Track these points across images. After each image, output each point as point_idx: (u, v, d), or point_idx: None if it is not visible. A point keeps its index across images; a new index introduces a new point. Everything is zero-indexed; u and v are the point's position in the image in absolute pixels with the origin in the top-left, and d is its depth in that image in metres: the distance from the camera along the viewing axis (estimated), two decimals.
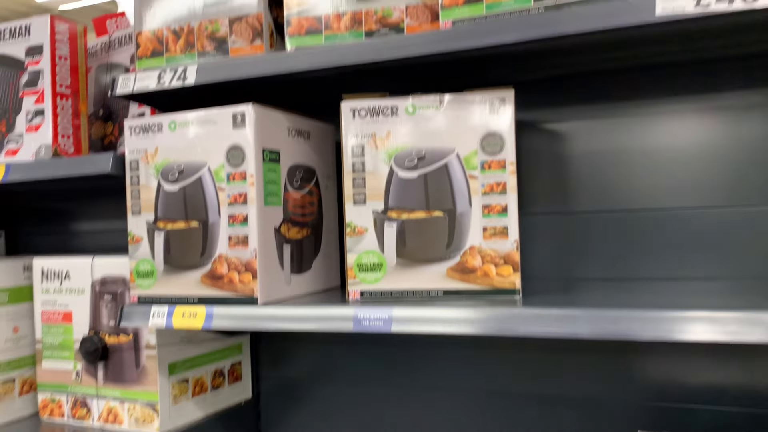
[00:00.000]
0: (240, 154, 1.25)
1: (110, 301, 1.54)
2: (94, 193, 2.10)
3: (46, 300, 1.62)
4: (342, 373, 1.70)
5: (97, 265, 1.55)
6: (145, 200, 1.35)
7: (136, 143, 1.35)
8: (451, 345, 1.56)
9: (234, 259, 1.26)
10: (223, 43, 1.32)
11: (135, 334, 1.50)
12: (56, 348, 1.60)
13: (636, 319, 0.98)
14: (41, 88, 1.47)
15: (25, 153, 1.49)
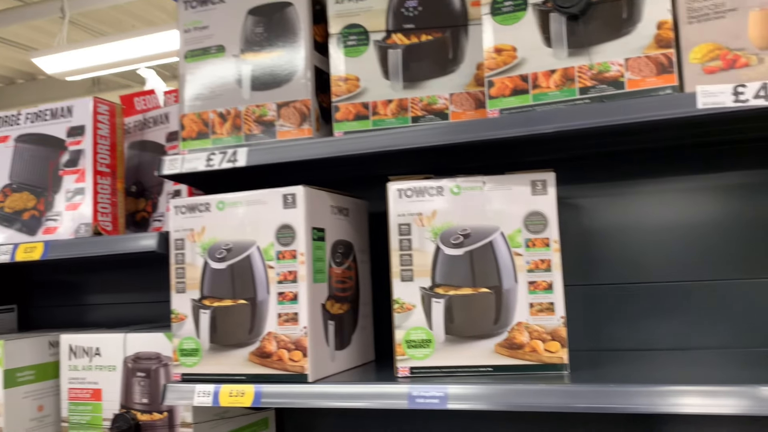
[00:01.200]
0: (290, 233, 1.29)
1: (143, 378, 1.53)
2: (104, 267, 2.10)
3: (74, 377, 1.60)
4: None
5: (129, 341, 1.55)
6: (191, 278, 1.37)
7: (183, 222, 1.38)
8: (473, 417, 1.58)
9: (283, 336, 1.28)
10: (271, 127, 1.38)
11: (170, 412, 1.49)
12: (84, 426, 1.58)
13: (682, 393, 1.03)
14: (82, 167, 1.50)
15: (64, 231, 1.51)
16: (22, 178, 1.57)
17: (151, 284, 2.03)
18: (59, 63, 3.44)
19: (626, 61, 1.12)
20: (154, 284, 2.02)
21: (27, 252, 1.50)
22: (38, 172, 1.55)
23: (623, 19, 1.12)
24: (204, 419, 1.50)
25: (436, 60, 1.29)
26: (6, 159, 1.58)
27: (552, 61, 1.16)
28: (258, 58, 1.40)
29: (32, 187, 1.55)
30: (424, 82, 1.30)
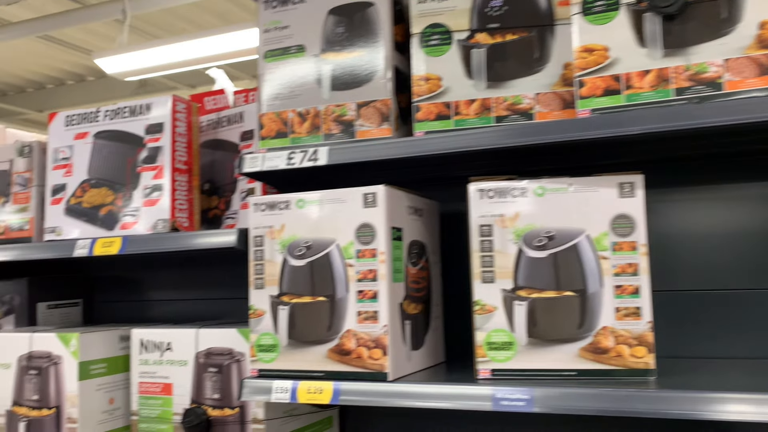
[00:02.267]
0: (370, 231, 1.29)
1: (215, 374, 1.54)
2: (166, 265, 2.13)
3: (145, 371, 1.62)
4: None
5: (202, 337, 1.57)
6: (269, 275, 1.38)
7: (262, 219, 1.39)
8: (546, 422, 1.56)
9: (363, 334, 1.28)
10: (350, 126, 1.38)
11: (241, 407, 1.50)
12: (154, 420, 1.60)
13: None
14: (160, 164, 1.53)
15: (141, 226, 1.53)
16: (101, 174, 1.60)
17: (214, 282, 2.05)
18: (120, 63, 3.51)
19: (725, 62, 1.10)
20: (217, 282, 2.05)
21: (105, 246, 1.53)
22: (116, 168, 1.58)
23: (722, 19, 1.10)
24: (275, 416, 1.51)
25: (522, 59, 1.28)
26: (85, 155, 1.61)
27: (646, 62, 1.14)
28: (338, 57, 1.40)
29: (110, 182, 1.58)
30: (508, 82, 1.29)
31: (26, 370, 1.63)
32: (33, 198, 1.68)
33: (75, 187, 1.62)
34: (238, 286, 1.99)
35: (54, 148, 1.66)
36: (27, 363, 1.63)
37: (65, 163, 1.64)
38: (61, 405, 1.59)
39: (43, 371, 1.61)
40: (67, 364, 1.59)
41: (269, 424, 1.49)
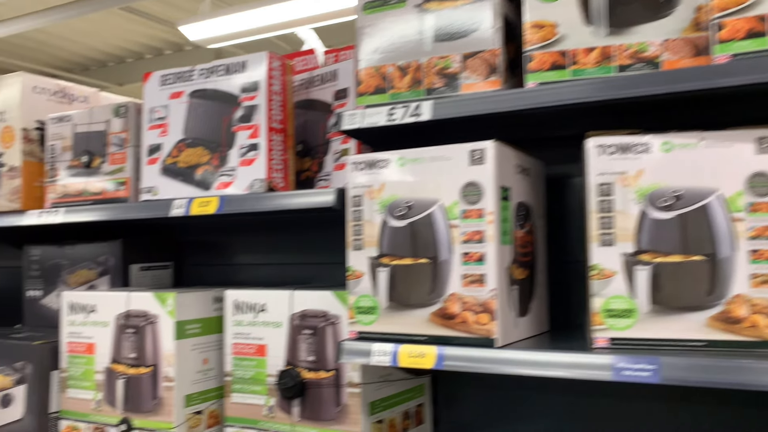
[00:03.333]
0: (477, 191, 1.22)
1: (310, 336, 1.52)
2: (252, 228, 2.13)
3: (239, 332, 1.62)
4: (518, 422, 1.62)
5: (297, 299, 1.54)
6: (368, 236, 1.33)
7: (361, 179, 1.34)
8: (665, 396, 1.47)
9: (469, 298, 1.22)
10: (454, 79, 1.31)
11: (337, 370, 1.48)
12: (247, 381, 1.60)
13: None
14: (256, 123, 1.50)
15: (237, 186, 1.52)
16: (196, 134, 1.59)
17: (301, 246, 2.03)
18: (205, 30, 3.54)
19: None
20: (304, 246, 2.03)
21: (202, 206, 1.52)
22: (212, 127, 1.56)
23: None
24: (370, 380, 1.48)
25: (647, 3, 1.17)
26: (180, 114, 1.61)
27: None
28: (442, 7, 1.33)
29: (206, 142, 1.57)
30: (632, 28, 1.18)
31: (124, 329, 1.66)
32: (129, 158, 1.70)
33: (171, 146, 1.62)
34: (327, 251, 1.96)
35: (149, 108, 1.65)
36: (125, 321, 1.66)
37: (161, 122, 1.63)
38: (157, 363, 1.61)
39: (141, 330, 1.63)
40: (164, 323, 1.61)
41: (365, 389, 1.46)
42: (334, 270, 1.97)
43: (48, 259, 2.11)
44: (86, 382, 1.71)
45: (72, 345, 1.74)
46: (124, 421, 1.63)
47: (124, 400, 1.65)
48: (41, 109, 1.87)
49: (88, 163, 1.73)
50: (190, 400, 1.62)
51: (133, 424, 1.62)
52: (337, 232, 1.93)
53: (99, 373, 1.69)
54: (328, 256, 2.00)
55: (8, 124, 1.84)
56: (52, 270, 2.10)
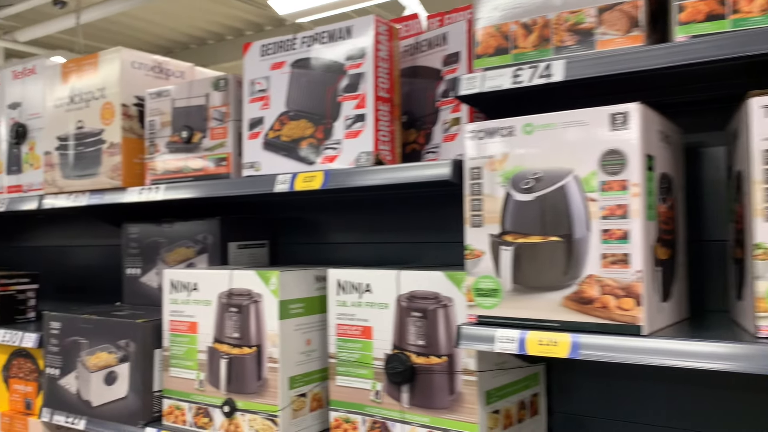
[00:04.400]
0: (620, 159, 1.09)
1: (419, 319, 1.43)
2: (346, 206, 2.05)
3: (343, 313, 1.55)
4: (635, 412, 1.48)
5: (404, 279, 1.45)
6: (489, 211, 1.22)
7: (480, 149, 1.23)
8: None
9: (609, 281, 1.09)
10: (589, 36, 1.17)
11: (449, 356, 1.38)
12: (352, 364, 1.53)
13: None
14: (363, 92, 1.41)
15: (343, 160, 1.43)
16: (300, 105, 1.51)
17: (398, 225, 1.94)
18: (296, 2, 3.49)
19: None
20: (401, 225, 1.94)
21: (306, 181, 1.44)
22: (316, 98, 1.48)
23: None
24: (486, 368, 1.37)
25: None
26: (282, 86, 1.53)
27: None
28: None
29: (310, 114, 1.49)
30: None
31: (227, 308, 1.62)
32: (230, 133, 1.64)
33: (273, 120, 1.55)
34: (429, 230, 1.87)
35: (250, 80, 1.59)
36: (227, 300, 1.62)
37: (262, 95, 1.57)
38: (261, 344, 1.56)
39: (244, 309, 1.59)
40: (267, 302, 1.55)
41: (481, 377, 1.36)
42: (436, 250, 1.87)
43: (146, 237, 2.11)
44: (189, 361, 1.68)
45: (174, 323, 1.72)
46: (227, 402, 1.60)
47: (227, 381, 1.61)
48: (139, 85, 1.84)
49: (187, 139, 1.69)
50: (294, 382, 1.57)
51: (237, 405, 1.59)
52: (442, 209, 1.83)
53: (201, 353, 1.66)
54: (430, 235, 1.90)
55: (108, 101, 1.83)
56: (151, 248, 2.09)
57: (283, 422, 1.53)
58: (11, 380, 2.14)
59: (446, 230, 1.83)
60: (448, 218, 1.83)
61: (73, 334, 1.87)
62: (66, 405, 1.89)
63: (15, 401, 2.12)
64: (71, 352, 1.87)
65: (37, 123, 2.06)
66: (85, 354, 1.84)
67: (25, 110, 2.11)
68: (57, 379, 1.91)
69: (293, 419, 1.56)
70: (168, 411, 1.72)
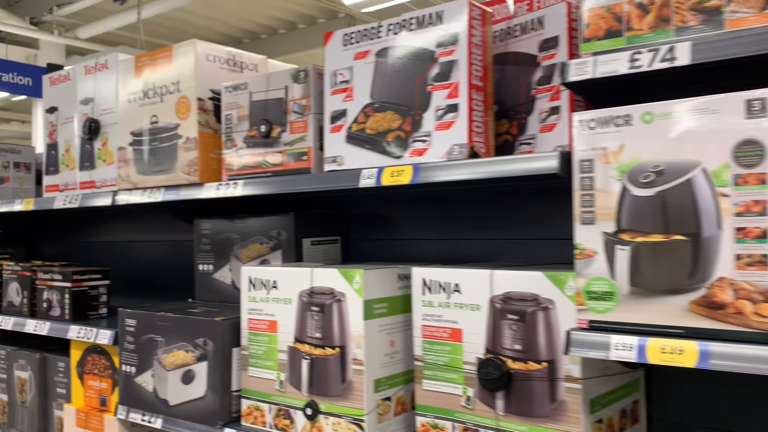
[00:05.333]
0: (757, 150, 0.98)
1: (516, 322, 1.35)
2: (421, 201, 1.98)
3: (429, 314, 1.48)
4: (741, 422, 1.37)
5: (497, 279, 1.37)
6: (602, 207, 1.13)
7: (592, 139, 1.13)
8: None
9: (745, 284, 0.99)
10: (716, 15, 1.06)
11: (550, 362, 1.29)
12: (440, 368, 1.45)
13: None
14: (455, 80, 1.33)
15: (433, 153, 1.36)
16: (385, 96, 1.44)
17: (479, 220, 1.86)
18: None
19: None
20: (479, 221, 1.85)
21: (394, 176, 1.38)
22: (403, 88, 1.41)
23: None
24: (591, 374, 1.28)
25: None
26: (366, 76, 1.47)
27: None
28: None
29: (397, 105, 1.42)
30: None
31: (308, 307, 1.56)
32: (310, 126, 1.58)
33: (357, 112, 1.49)
34: (507, 226, 1.78)
35: (331, 71, 1.53)
36: (309, 299, 1.56)
37: (345, 86, 1.50)
38: (345, 345, 1.50)
39: (326, 308, 1.53)
40: (351, 301, 1.49)
41: (586, 384, 1.27)
42: (519, 247, 1.78)
43: (218, 233, 2.08)
44: (268, 361, 1.64)
45: (253, 322, 1.67)
46: (310, 404, 1.54)
47: (308, 383, 1.56)
48: (214, 78, 1.80)
49: (266, 133, 1.64)
50: (379, 385, 1.51)
51: (320, 408, 1.53)
52: (528, 204, 1.74)
53: (282, 353, 1.61)
54: (513, 231, 1.81)
55: (183, 94, 1.79)
56: (223, 244, 2.06)
57: (369, 427, 1.47)
58: (86, 376, 2.14)
59: (532, 227, 1.74)
60: (535, 214, 1.74)
61: (149, 331, 1.85)
62: (142, 403, 1.87)
63: (90, 397, 2.12)
64: (147, 349, 1.86)
65: (110, 118, 2.05)
66: (161, 352, 1.82)
67: (98, 105, 2.10)
68: (133, 376, 1.90)
69: (378, 423, 1.50)
70: (247, 411, 1.68)
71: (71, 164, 2.19)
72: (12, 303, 2.43)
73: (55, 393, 2.28)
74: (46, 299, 2.28)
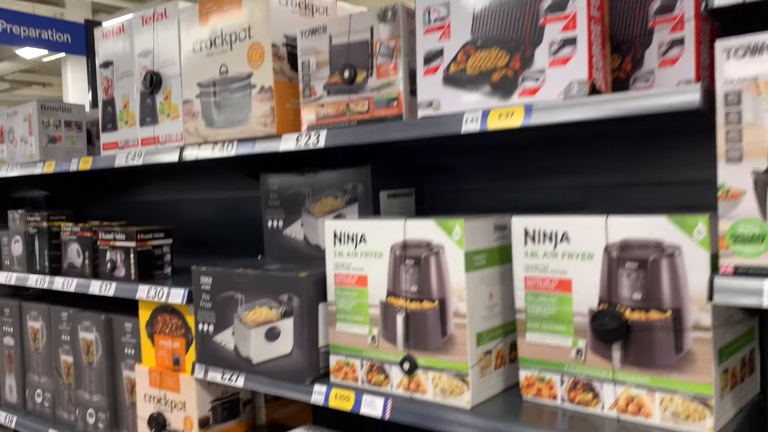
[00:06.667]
0: None
1: (635, 270, 1.28)
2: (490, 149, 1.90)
3: (533, 265, 1.41)
4: None
5: (613, 226, 1.30)
6: (751, 143, 1.04)
7: (740, 70, 1.04)
8: None
9: None
10: None
11: (675, 311, 1.23)
12: (546, 320, 1.39)
13: None
14: (572, 11, 1.23)
15: (548, 91, 1.27)
16: (490, 33, 1.34)
17: (553, 169, 1.78)
18: None
19: None
20: (558, 169, 1.77)
21: (503, 118, 1.29)
22: (511, 22, 1.31)
23: None
24: (719, 323, 1.22)
25: None
26: (466, 11, 1.36)
27: None
28: None
29: (503, 41, 1.32)
30: None
31: (402, 260, 1.50)
32: (400, 69, 1.49)
33: (455, 51, 1.39)
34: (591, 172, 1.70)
35: (424, 8, 1.43)
36: (402, 252, 1.50)
37: (440, 24, 1.41)
38: (446, 298, 1.44)
39: (423, 261, 1.47)
40: (451, 253, 1.43)
41: (716, 332, 1.20)
42: (616, 193, 1.71)
43: (288, 188, 2.01)
44: (359, 316, 1.59)
45: (340, 277, 1.62)
46: (407, 358, 1.50)
47: (404, 337, 1.51)
48: (287, 23, 1.71)
49: (350, 79, 1.56)
50: (480, 338, 1.46)
51: (418, 362, 1.49)
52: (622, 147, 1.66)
53: (373, 307, 1.56)
54: (596, 177, 1.73)
55: (256, 41, 1.70)
56: (293, 199, 2.00)
57: (473, 381, 1.42)
58: (156, 336, 2.11)
59: (631, 171, 1.66)
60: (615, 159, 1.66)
61: (227, 289, 1.81)
62: (222, 361, 1.84)
63: (162, 357, 2.10)
64: (226, 308, 1.81)
65: (172, 70, 1.97)
66: (242, 310, 1.77)
67: (158, 57, 2.01)
68: (211, 335, 1.86)
69: (481, 377, 1.45)
70: (336, 367, 1.64)
71: (130, 120, 2.12)
72: (73, 265, 2.39)
73: (123, 354, 2.26)
74: (110, 260, 2.24)
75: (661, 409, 1.25)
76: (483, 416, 1.38)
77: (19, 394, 2.70)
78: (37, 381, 2.62)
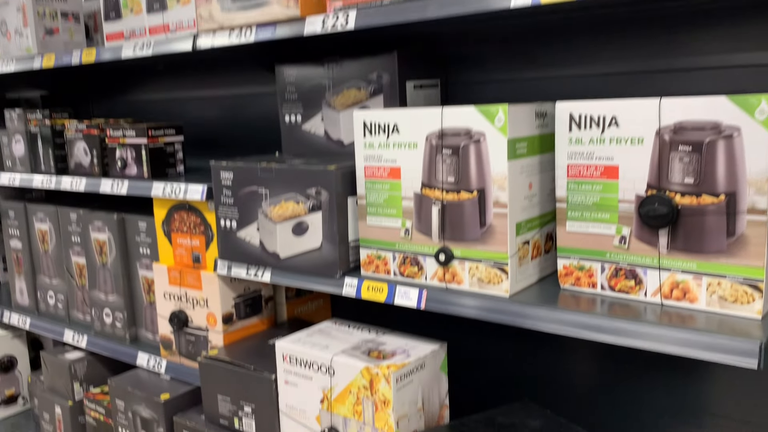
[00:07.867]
0: None
1: (688, 154, 1.23)
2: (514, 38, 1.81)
3: (578, 152, 1.36)
4: None
5: (666, 108, 1.24)
6: None
7: None
8: None
9: None
10: None
11: (730, 195, 1.20)
12: (589, 208, 1.36)
13: None
14: None
15: None
16: None
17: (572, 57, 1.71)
18: None
19: None
20: (590, 56, 1.70)
21: None
22: None
23: None
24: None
25: None
26: None
27: None
28: None
29: None
30: None
31: (438, 150, 1.45)
32: None
33: None
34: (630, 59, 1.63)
35: None
36: (439, 141, 1.44)
37: None
38: (485, 187, 1.40)
39: (462, 150, 1.41)
40: (493, 141, 1.37)
41: None
42: (658, 81, 1.64)
43: (306, 80, 1.92)
44: (391, 209, 1.55)
45: (371, 169, 1.57)
46: (443, 250, 1.47)
47: (440, 229, 1.48)
48: None
49: None
50: (519, 228, 1.43)
51: (454, 253, 1.46)
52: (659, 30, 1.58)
53: (407, 200, 1.52)
54: (633, 63, 1.67)
55: None
56: (313, 92, 1.91)
57: (511, 270, 1.41)
58: (174, 234, 2.07)
59: (671, 56, 1.59)
60: (672, 41, 1.59)
61: (249, 183, 1.75)
62: (246, 257, 1.81)
63: (181, 255, 2.07)
64: (249, 203, 1.77)
65: None
66: (266, 205, 1.73)
67: None
68: (234, 231, 1.83)
69: (519, 267, 1.44)
70: (367, 261, 1.61)
71: (136, 8, 1.98)
72: (81, 164, 2.32)
73: (138, 253, 2.23)
74: (120, 158, 2.16)
75: (707, 293, 1.25)
76: (523, 303, 1.37)
77: (30, 297, 2.69)
78: (48, 283, 2.60)
